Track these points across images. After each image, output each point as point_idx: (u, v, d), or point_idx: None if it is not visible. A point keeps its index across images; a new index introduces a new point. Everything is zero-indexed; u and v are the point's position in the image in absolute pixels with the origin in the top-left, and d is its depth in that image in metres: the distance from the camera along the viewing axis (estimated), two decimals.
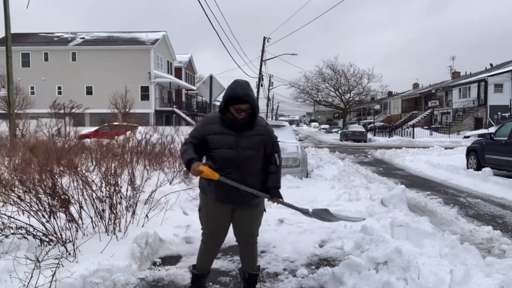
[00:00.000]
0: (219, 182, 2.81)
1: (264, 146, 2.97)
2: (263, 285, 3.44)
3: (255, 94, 11.63)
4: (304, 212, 3.16)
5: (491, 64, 46.54)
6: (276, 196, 3.02)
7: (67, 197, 4.16)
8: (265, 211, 3.18)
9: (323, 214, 3.26)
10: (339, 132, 39.78)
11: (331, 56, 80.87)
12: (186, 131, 16.32)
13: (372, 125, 45.10)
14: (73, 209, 4.20)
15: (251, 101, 2.79)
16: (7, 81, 13.56)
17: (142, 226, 4.51)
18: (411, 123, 41.10)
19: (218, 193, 2.90)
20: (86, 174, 4.80)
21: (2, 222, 3.74)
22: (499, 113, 35.26)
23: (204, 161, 2.98)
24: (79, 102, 29.12)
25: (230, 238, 3.20)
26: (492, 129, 21.73)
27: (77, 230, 4.03)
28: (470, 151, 11.67)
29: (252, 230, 3.11)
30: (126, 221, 4.33)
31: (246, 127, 2.87)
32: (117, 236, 4.12)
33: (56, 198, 4.05)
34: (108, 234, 4.15)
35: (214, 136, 2.86)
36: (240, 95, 2.77)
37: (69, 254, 3.58)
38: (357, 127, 35.65)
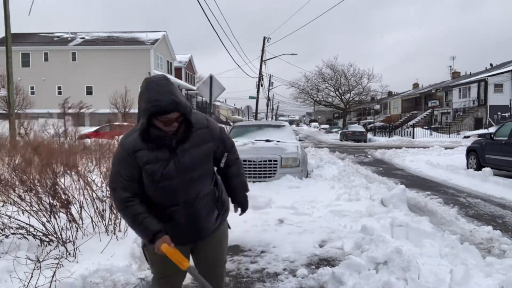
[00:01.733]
0: (170, 219, 2.10)
1: (212, 151, 2.16)
2: (263, 285, 3.44)
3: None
4: None
5: (491, 64, 46.56)
6: (242, 204, 2.45)
7: (67, 197, 4.16)
8: (230, 228, 2.54)
9: None
10: (339, 132, 39.78)
11: (344, 57, 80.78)
12: None
13: (372, 125, 45.10)
14: (73, 209, 4.20)
15: (179, 108, 1.93)
16: (7, 81, 13.57)
17: None
18: (411, 123, 41.10)
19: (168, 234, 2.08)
20: (86, 174, 4.81)
21: (2, 222, 3.74)
22: (499, 113, 35.26)
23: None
24: (85, 102, 29.17)
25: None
26: (492, 129, 21.73)
27: (77, 230, 4.03)
28: (470, 151, 11.66)
29: (220, 264, 2.37)
30: None
31: (183, 139, 2.04)
32: (117, 236, 4.12)
33: (57, 198, 4.05)
34: (108, 234, 4.16)
35: (150, 166, 2.01)
36: (164, 105, 1.89)
37: (69, 254, 3.58)
38: (357, 127, 35.64)
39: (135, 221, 2.05)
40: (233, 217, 5.23)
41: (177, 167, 2.03)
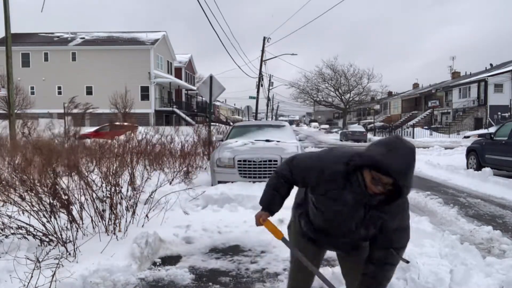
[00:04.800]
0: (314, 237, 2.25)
1: (377, 230, 2.03)
2: (263, 285, 3.44)
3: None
4: None
5: (491, 64, 46.55)
6: None
7: (67, 197, 4.16)
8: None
9: None
10: (339, 132, 39.79)
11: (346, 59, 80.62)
12: (186, 131, 16.35)
13: (372, 125, 45.11)
14: (73, 209, 4.20)
15: (400, 180, 1.80)
16: (7, 81, 13.57)
17: (142, 226, 4.51)
18: (411, 123, 41.11)
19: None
20: (86, 174, 4.81)
21: (2, 222, 3.74)
22: (499, 113, 35.26)
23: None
24: (91, 104, 29.20)
25: (224, 237, 3.19)
26: (492, 129, 21.73)
27: (77, 230, 4.03)
28: (470, 151, 11.66)
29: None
30: (126, 221, 4.33)
31: (373, 206, 1.97)
32: (117, 236, 4.12)
33: (57, 198, 4.05)
34: (108, 234, 4.16)
35: (329, 200, 2.04)
36: (394, 168, 1.78)
37: (69, 254, 3.58)
38: (357, 127, 35.66)
39: (270, 188, 2.28)
40: (233, 217, 5.23)
41: (346, 218, 2.02)
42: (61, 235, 3.77)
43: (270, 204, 2.29)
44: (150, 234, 4.02)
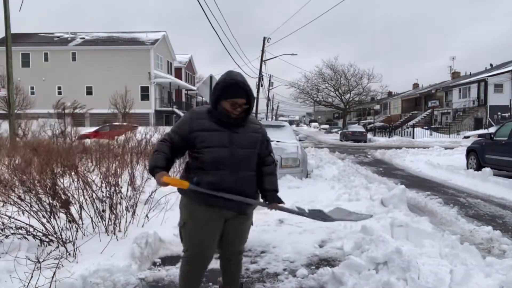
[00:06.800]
0: (213, 181, 2.42)
1: (259, 145, 2.60)
2: (263, 285, 3.44)
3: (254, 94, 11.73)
4: (301, 213, 2.87)
5: (491, 64, 46.59)
6: (274, 201, 2.68)
7: (67, 197, 4.16)
8: (252, 225, 2.87)
9: (319, 214, 3.03)
10: (339, 132, 39.82)
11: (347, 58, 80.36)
12: None
13: (372, 125, 45.12)
14: (73, 209, 4.20)
15: (251, 95, 2.48)
16: (7, 81, 13.58)
17: (142, 226, 4.51)
18: (411, 123, 41.12)
19: (211, 197, 2.43)
20: (86, 174, 4.81)
21: (2, 222, 3.74)
22: (499, 113, 35.29)
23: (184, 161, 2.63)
24: (79, 102, 29.23)
25: None
26: (492, 129, 21.73)
27: (77, 231, 4.03)
28: (470, 151, 11.67)
29: (242, 245, 2.80)
30: (126, 221, 4.33)
31: (239, 124, 2.51)
32: (117, 236, 4.12)
33: (56, 198, 4.05)
34: (108, 234, 4.16)
35: (204, 133, 2.43)
36: (241, 88, 2.41)
37: (69, 254, 3.58)
38: (357, 127, 35.70)
39: (153, 154, 2.48)
40: None
41: (230, 142, 2.45)
42: (61, 235, 3.77)
43: (158, 163, 2.45)
44: (150, 234, 4.02)
